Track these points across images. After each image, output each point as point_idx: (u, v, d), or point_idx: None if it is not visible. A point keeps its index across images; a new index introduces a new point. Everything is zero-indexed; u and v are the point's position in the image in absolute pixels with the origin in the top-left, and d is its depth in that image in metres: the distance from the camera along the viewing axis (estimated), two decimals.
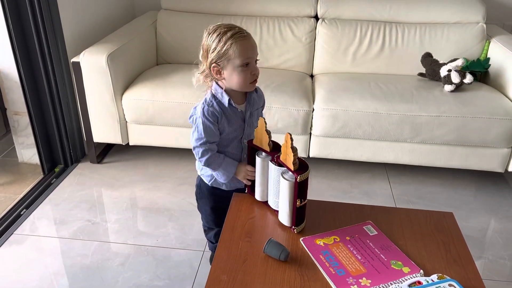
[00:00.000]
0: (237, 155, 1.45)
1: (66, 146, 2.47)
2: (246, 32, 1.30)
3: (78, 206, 2.18)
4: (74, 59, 2.30)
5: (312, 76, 2.76)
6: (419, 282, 1.08)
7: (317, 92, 2.39)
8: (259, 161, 1.34)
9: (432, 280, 1.08)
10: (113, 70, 2.27)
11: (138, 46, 2.58)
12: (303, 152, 2.38)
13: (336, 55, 2.68)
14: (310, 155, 2.40)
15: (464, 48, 2.62)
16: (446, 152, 2.30)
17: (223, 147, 1.42)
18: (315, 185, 2.39)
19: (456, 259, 1.20)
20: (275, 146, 1.30)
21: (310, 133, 2.35)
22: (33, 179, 2.40)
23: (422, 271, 1.15)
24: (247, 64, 1.29)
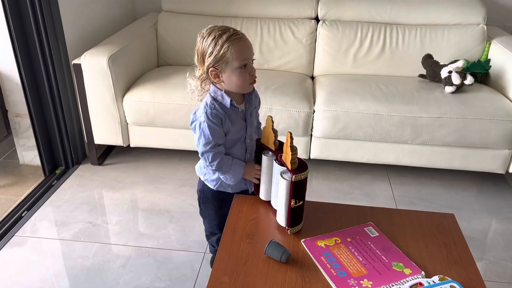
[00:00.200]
0: (241, 156, 1.45)
1: (67, 148, 2.47)
2: (241, 33, 1.28)
3: (79, 208, 2.18)
4: (75, 61, 2.30)
5: (312, 77, 2.76)
6: (421, 284, 1.08)
7: (317, 94, 2.39)
8: (264, 160, 1.34)
9: (433, 281, 1.08)
10: (114, 72, 2.28)
11: (139, 48, 2.59)
12: (303, 153, 2.38)
13: (337, 56, 2.69)
14: (311, 157, 2.40)
15: (465, 49, 2.62)
16: (447, 153, 2.30)
17: (228, 149, 1.41)
18: (315, 186, 2.39)
19: (458, 260, 1.20)
20: (280, 145, 1.30)
21: (311, 134, 2.35)
22: (34, 181, 2.41)
23: (423, 272, 1.15)
24: (245, 65, 1.29)
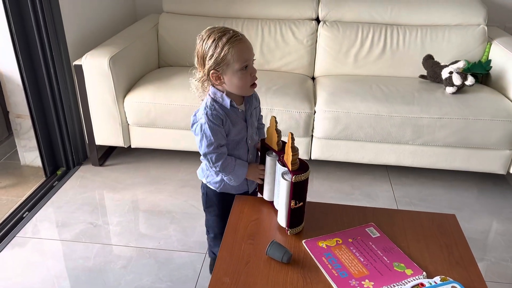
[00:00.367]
0: (244, 157, 1.44)
1: (68, 149, 2.47)
2: (240, 34, 1.28)
3: (80, 208, 2.18)
4: (76, 62, 2.30)
5: (313, 78, 2.76)
6: (422, 284, 1.08)
7: (318, 94, 2.39)
8: (268, 160, 1.34)
9: (435, 282, 1.08)
10: (115, 73, 2.28)
11: (140, 49, 2.59)
12: (304, 154, 2.38)
13: (338, 57, 2.69)
14: (312, 157, 2.40)
15: (466, 50, 2.62)
16: (447, 154, 2.30)
17: (230, 150, 1.40)
18: (316, 187, 2.39)
19: (459, 261, 1.20)
20: (284, 145, 1.29)
21: (312, 135, 2.35)
22: (35, 182, 2.41)
23: (424, 273, 1.15)
24: (246, 67, 1.28)
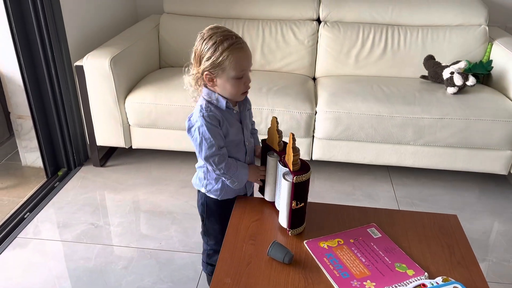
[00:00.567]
0: (242, 160, 1.42)
1: (69, 150, 2.47)
2: (242, 41, 1.25)
3: (81, 209, 2.18)
4: (77, 63, 2.31)
5: (314, 79, 2.76)
6: (424, 285, 1.08)
7: (319, 95, 2.39)
8: (269, 160, 1.34)
9: (436, 282, 1.08)
10: (116, 74, 2.28)
11: (141, 50, 2.59)
12: (305, 154, 2.38)
13: (339, 57, 2.69)
14: (313, 158, 2.40)
15: (467, 50, 2.62)
16: (449, 154, 2.30)
17: (229, 153, 1.37)
18: (317, 187, 2.39)
19: (461, 261, 1.20)
20: (285, 146, 1.29)
21: (313, 135, 2.35)
22: (36, 183, 2.41)
23: (426, 273, 1.14)
24: (241, 76, 1.27)
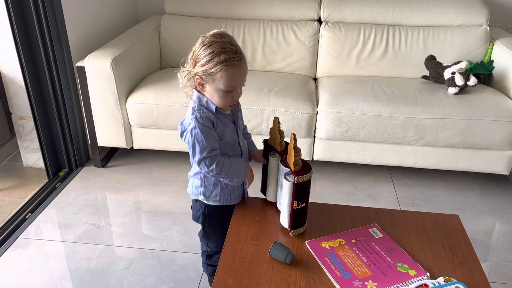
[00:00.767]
0: None
1: (70, 150, 2.48)
2: (240, 57, 1.22)
3: (82, 210, 2.19)
4: (79, 64, 2.31)
5: (315, 79, 2.76)
6: (426, 285, 1.08)
7: (320, 95, 2.39)
8: (271, 160, 1.34)
9: (438, 283, 1.08)
10: (117, 74, 2.28)
11: (142, 51, 2.59)
12: (307, 155, 2.38)
13: (340, 58, 2.69)
14: (314, 158, 2.40)
15: (468, 50, 2.62)
16: (450, 154, 2.29)
17: (226, 155, 1.36)
18: (319, 187, 2.38)
19: (462, 261, 1.20)
20: (287, 146, 1.29)
21: (314, 136, 2.35)
22: (38, 183, 2.41)
23: (428, 273, 1.14)
24: (230, 91, 1.25)
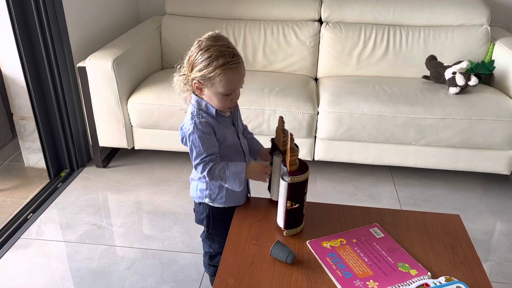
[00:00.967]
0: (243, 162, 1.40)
1: (72, 151, 2.48)
2: (238, 60, 1.22)
3: (84, 210, 2.19)
4: (80, 64, 2.31)
5: (316, 79, 2.77)
6: (427, 285, 1.08)
7: (321, 95, 2.39)
8: (275, 159, 1.33)
9: (439, 282, 1.08)
10: (118, 75, 2.29)
11: (143, 51, 2.60)
12: (308, 155, 2.38)
13: (341, 58, 2.69)
14: (315, 158, 2.40)
15: (469, 50, 2.62)
16: (451, 154, 2.29)
17: (228, 157, 1.34)
18: (320, 187, 2.39)
19: (464, 261, 1.20)
20: None
21: (315, 136, 2.35)
22: (39, 184, 2.42)
23: (429, 273, 1.14)
24: (229, 93, 1.25)
